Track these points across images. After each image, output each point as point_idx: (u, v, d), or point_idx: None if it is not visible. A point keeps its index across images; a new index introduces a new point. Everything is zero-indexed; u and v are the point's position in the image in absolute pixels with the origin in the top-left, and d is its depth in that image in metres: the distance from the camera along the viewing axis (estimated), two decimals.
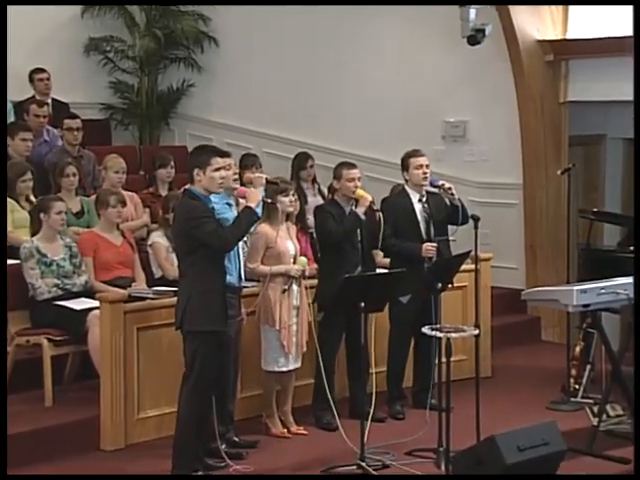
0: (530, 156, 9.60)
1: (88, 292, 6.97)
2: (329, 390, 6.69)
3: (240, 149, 9.85)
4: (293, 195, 6.75)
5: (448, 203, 7.15)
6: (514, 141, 9.65)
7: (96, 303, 6.58)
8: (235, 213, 6.29)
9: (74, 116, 8.95)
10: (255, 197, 5.96)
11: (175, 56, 11.30)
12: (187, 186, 6.00)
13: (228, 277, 6.01)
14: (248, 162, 8.58)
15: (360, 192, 6.91)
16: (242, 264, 6.35)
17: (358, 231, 6.92)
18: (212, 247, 5.77)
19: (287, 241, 6.71)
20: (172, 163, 8.61)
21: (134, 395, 6.46)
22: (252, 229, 6.37)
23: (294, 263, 6.68)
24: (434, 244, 7.09)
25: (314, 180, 9.25)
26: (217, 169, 5.83)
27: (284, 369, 6.68)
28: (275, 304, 6.57)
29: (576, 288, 6.45)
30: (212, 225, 5.78)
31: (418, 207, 7.22)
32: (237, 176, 6.65)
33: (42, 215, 7.01)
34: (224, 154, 6.05)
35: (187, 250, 5.81)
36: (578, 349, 7.69)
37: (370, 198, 6.90)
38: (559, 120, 9.66)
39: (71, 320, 6.74)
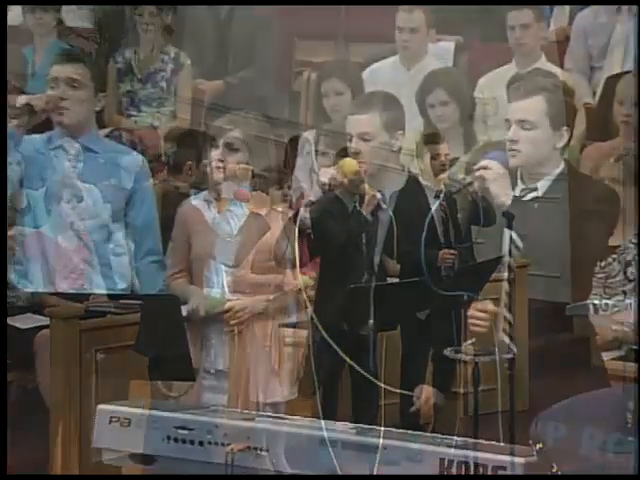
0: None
1: (36, 306, 6.98)
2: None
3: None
4: (289, 188, 6.74)
5: (470, 199, 7.15)
6: None
7: (45, 320, 6.58)
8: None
9: None
10: (264, 201, 5.97)
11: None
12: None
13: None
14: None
15: (366, 188, 6.90)
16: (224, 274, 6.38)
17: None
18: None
19: None
20: None
21: (92, 433, 6.45)
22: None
23: None
24: (452, 251, 7.07)
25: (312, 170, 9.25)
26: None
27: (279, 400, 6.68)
28: (267, 320, 6.59)
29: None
30: None
31: (434, 205, 7.22)
32: (221, 164, 6.66)
33: None
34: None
35: None
36: None
37: (379, 195, 6.87)
38: None
39: (14, 341, 6.74)
